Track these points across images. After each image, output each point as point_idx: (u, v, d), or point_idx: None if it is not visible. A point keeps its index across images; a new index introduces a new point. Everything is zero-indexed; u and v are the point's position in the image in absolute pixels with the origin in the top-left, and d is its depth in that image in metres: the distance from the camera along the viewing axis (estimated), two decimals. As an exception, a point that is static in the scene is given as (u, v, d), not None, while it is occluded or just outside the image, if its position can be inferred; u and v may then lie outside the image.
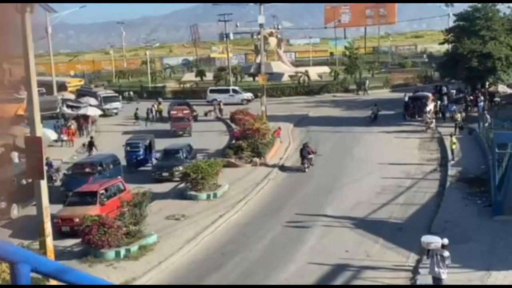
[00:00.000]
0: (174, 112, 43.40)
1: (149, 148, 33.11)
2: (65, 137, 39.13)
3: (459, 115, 37.13)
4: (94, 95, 54.02)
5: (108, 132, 44.33)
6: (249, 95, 56.75)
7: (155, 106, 49.79)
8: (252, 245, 19.90)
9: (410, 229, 20.59)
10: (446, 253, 14.74)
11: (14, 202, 23.95)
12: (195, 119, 45.99)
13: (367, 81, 61.77)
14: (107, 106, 52.51)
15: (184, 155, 30.42)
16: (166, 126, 42.72)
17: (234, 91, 57.67)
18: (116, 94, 56.68)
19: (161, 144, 34.03)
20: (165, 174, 28.83)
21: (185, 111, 43.17)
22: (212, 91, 57.90)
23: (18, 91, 17.71)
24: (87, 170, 27.38)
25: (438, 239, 15.22)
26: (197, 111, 48.03)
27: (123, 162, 30.80)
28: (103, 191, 22.59)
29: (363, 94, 59.03)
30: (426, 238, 15.82)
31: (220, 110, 49.23)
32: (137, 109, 48.66)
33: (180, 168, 27.94)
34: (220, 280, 17.23)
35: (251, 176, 29.22)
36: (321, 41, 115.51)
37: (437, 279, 14.80)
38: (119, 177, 25.78)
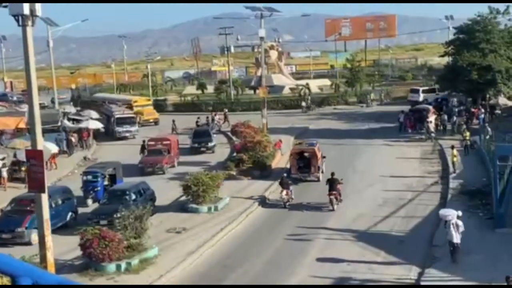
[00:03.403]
0: (152, 143, 36.74)
1: (112, 178, 29.34)
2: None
3: (468, 133, 34.90)
4: (111, 114, 48.92)
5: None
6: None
7: (216, 115, 50.49)
8: (253, 258, 19.83)
9: (411, 242, 20.56)
10: (460, 223, 18.05)
11: None
12: (212, 151, 39.13)
13: (372, 94, 61.80)
14: (119, 128, 46.51)
15: (134, 197, 24.74)
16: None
17: (439, 90, 56.28)
18: (133, 115, 49.55)
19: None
20: (103, 222, 22.64)
21: (164, 142, 36.38)
22: (423, 91, 56.37)
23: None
24: (27, 208, 22.70)
25: (454, 212, 18.68)
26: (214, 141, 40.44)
27: (80, 193, 27.73)
28: None
29: (366, 107, 59.04)
30: (444, 211, 19.38)
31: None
32: (198, 117, 48.80)
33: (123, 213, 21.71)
34: (221, 294, 17.15)
35: (252, 188, 29.18)
36: (321, 54, 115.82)
37: (453, 243, 17.87)
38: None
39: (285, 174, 28.17)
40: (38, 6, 16.02)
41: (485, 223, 21.51)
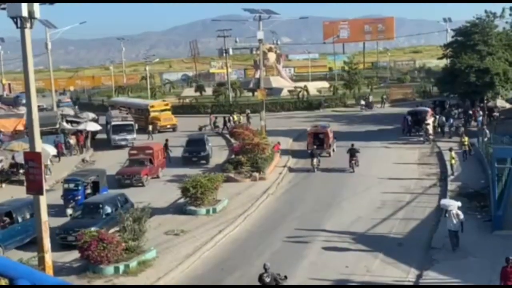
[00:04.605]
0: (134, 152, 34.32)
1: (95, 187, 27.76)
2: None
3: (466, 138, 34.21)
4: (109, 121, 46.53)
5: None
6: None
7: (234, 116, 51.01)
8: (252, 260, 19.80)
9: (410, 244, 20.55)
10: (460, 212, 19.28)
11: None
12: (205, 161, 36.43)
13: (371, 96, 61.89)
14: (115, 136, 44.19)
15: (109, 210, 23.03)
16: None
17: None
18: (131, 123, 45.95)
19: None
20: (71, 238, 21.10)
21: (147, 151, 33.72)
22: None
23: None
24: None
25: (455, 202, 19.92)
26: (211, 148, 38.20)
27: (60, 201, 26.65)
28: None
29: (366, 110, 59.10)
30: (445, 201, 20.74)
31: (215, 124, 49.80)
32: (216, 117, 49.47)
33: (93, 228, 20.36)
34: (220, 296, 17.13)
35: (250, 191, 29.17)
36: (320, 57, 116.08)
37: (453, 231, 19.05)
38: None
39: (315, 146, 35.70)
40: (36, 8, 15.98)
41: (483, 226, 21.51)
